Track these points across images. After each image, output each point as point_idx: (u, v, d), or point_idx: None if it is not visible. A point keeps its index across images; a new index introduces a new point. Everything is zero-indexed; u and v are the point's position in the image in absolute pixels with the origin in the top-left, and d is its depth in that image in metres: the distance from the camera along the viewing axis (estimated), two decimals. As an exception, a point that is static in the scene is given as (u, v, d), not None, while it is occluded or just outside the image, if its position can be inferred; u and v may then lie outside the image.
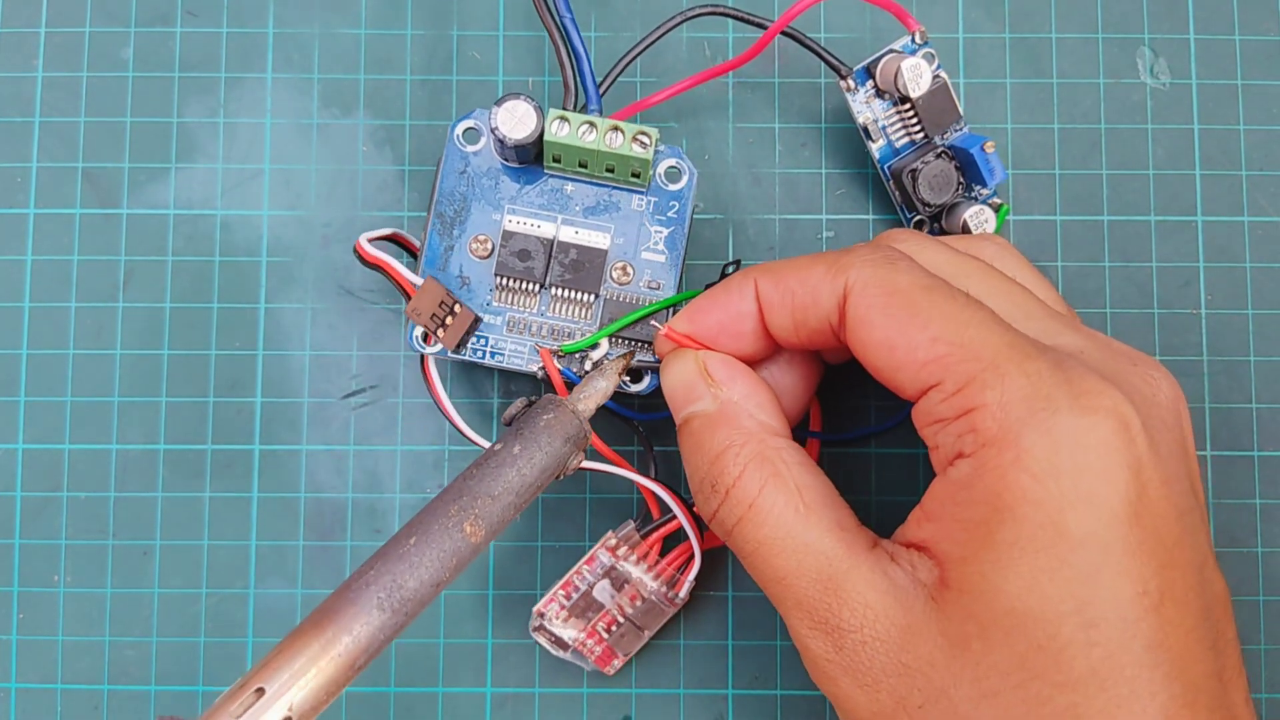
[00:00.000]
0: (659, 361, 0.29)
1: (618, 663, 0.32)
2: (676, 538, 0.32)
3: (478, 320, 0.29)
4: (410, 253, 0.32)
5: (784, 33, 0.32)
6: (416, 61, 0.35)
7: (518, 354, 0.30)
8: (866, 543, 0.25)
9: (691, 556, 0.31)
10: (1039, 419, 0.22)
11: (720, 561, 0.34)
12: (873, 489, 0.34)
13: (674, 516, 0.31)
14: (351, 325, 0.34)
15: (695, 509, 0.28)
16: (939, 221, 0.33)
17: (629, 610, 0.31)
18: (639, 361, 0.30)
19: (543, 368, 0.30)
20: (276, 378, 0.34)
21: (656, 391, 0.29)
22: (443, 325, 0.29)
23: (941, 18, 0.35)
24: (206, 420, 0.34)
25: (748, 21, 0.32)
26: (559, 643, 0.31)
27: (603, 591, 0.31)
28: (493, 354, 0.30)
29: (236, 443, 0.34)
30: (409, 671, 0.33)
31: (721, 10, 0.32)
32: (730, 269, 0.30)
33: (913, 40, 0.32)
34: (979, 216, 0.32)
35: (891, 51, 0.32)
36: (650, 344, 0.30)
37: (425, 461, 0.34)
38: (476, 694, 0.33)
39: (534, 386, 0.34)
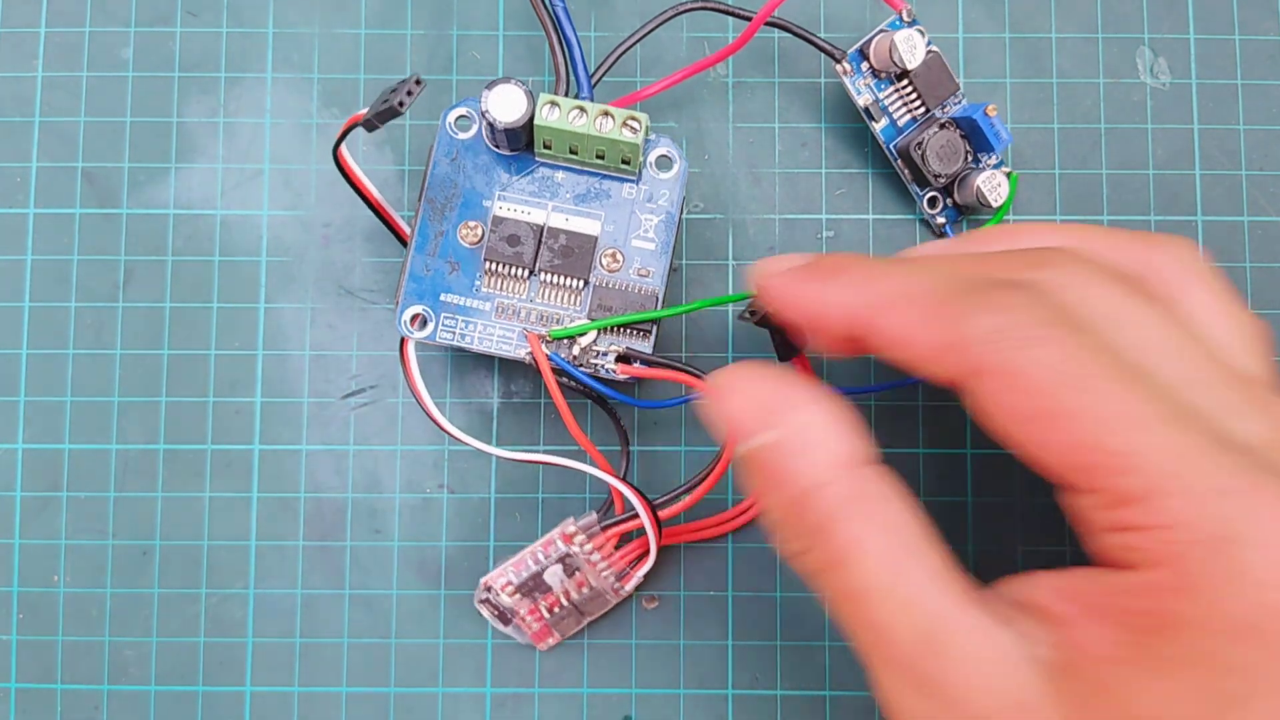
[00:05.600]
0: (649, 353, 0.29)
1: (552, 641, 0.32)
2: (640, 530, 0.31)
3: (420, 82, 0.27)
4: (400, 238, 0.32)
5: (775, 24, 0.32)
6: (416, 61, 0.35)
7: (505, 339, 0.30)
8: (966, 594, 0.23)
9: (645, 553, 0.31)
10: (1212, 549, 0.20)
11: (720, 562, 0.34)
12: (873, 489, 0.34)
13: (636, 515, 0.31)
14: (351, 325, 0.34)
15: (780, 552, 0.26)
16: (951, 195, 0.33)
17: (574, 596, 0.31)
18: (629, 349, 0.30)
19: (530, 353, 0.30)
20: (276, 378, 0.34)
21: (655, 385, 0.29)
22: (391, 94, 0.27)
23: (941, 18, 0.35)
24: (206, 420, 0.34)
25: (738, 15, 0.32)
26: (502, 616, 0.31)
27: (553, 575, 0.31)
28: (479, 339, 0.30)
29: (236, 443, 0.34)
30: (409, 671, 0.33)
31: (712, 5, 0.32)
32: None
33: (900, 18, 0.32)
34: (991, 182, 0.32)
35: (881, 31, 0.32)
36: (641, 332, 0.30)
37: (425, 461, 0.34)
38: (476, 694, 0.33)
39: (531, 381, 0.34)
